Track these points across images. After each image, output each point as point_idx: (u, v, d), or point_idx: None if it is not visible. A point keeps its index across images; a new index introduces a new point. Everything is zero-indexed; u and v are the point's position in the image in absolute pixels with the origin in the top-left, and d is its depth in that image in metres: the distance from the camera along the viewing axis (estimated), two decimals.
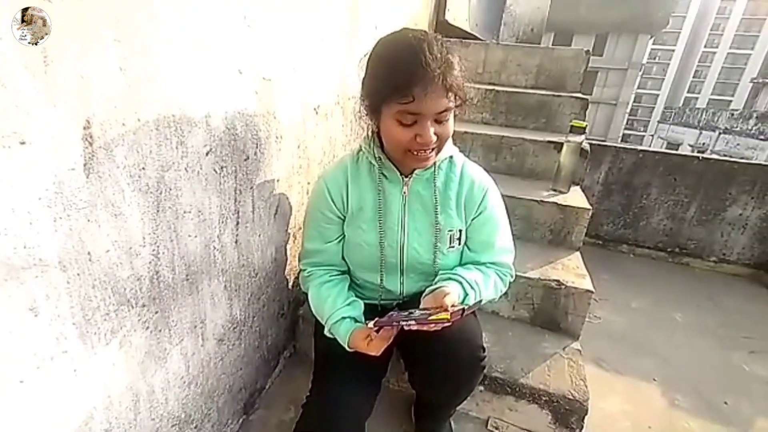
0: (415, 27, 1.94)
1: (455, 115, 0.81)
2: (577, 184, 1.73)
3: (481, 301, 0.83)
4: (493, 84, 2.25)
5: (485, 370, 0.91)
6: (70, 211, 0.52)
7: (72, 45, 0.49)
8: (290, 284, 1.24)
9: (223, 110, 0.78)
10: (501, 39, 3.38)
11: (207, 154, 0.76)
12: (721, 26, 43.07)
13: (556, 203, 1.53)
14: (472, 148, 1.84)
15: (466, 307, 0.73)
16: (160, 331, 0.73)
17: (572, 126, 1.56)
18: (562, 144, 1.62)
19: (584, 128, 1.55)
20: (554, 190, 1.64)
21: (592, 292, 1.27)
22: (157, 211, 0.67)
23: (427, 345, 0.85)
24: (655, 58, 44.29)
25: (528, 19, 4.10)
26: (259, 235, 1.00)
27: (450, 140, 0.86)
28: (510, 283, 0.99)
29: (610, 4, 17.18)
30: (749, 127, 15.18)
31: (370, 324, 0.80)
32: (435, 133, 0.77)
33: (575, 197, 1.60)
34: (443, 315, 0.72)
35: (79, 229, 0.54)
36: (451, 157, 0.93)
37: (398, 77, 0.72)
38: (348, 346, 0.88)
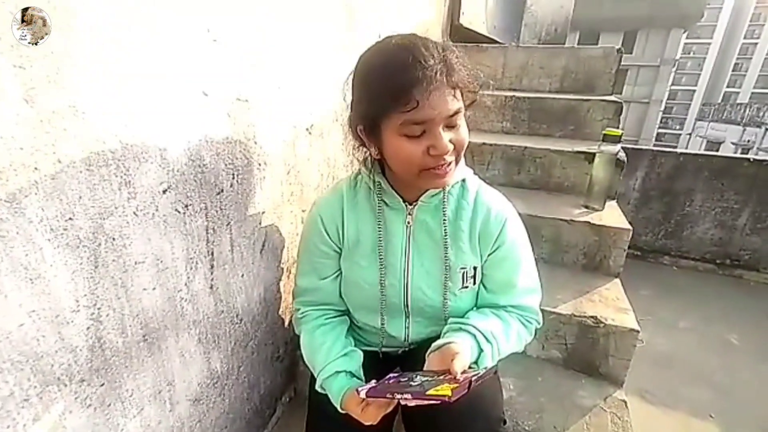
0: (426, 33, 1.81)
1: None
2: (613, 199, 1.53)
3: (498, 363, 0.67)
4: (513, 89, 2.08)
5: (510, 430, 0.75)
6: None
7: None
8: (286, 323, 1.11)
9: (184, 139, 0.67)
10: (522, 41, 3.19)
11: (164, 192, 0.64)
12: (762, 16, 40.67)
13: (589, 222, 1.34)
14: (492, 161, 1.68)
15: (476, 376, 0.58)
16: (108, 405, 0.61)
17: (605, 134, 1.37)
18: (593, 154, 1.43)
19: (620, 137, 1.36)
20: (587, 207, 1.45)
21: (637, 331, 1.07)
22: (96, 267, 0.55)
23: (433, 416, 0.70)
24: (689, 53, 42.25)
25: (551, 18, 3.89)
26: (242, 276, 0.88)
27: (462, 160, 0.72)
28: (536, 330, 0.82)
29: None
30: None
31: (362, 393, 0.65)
32: (450, 141, 0.63)
33: (612, 215, 1.40)
34: (443, 390, 0.56)
35: None
36: (463, 180, 0.78)
37: (395, 82, 0.60)
38: (340, 408, 0.74)
